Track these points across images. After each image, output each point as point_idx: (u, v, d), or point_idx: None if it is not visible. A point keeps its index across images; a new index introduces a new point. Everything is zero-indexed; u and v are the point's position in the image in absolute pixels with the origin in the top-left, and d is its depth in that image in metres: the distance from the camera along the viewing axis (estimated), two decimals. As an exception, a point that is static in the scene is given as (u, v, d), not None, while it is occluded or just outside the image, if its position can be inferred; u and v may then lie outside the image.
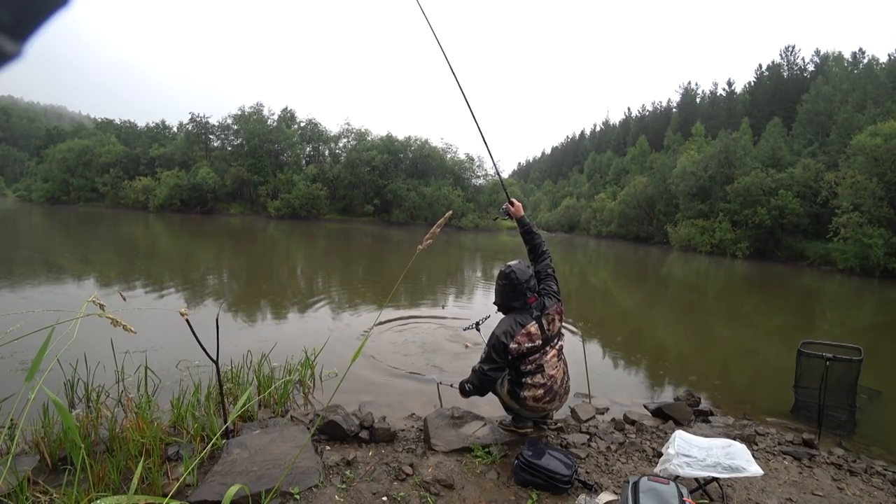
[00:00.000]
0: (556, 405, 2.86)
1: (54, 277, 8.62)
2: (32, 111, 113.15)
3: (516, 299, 2.79)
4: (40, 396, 1.51)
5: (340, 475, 2.40)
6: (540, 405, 2.77)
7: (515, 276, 2.76)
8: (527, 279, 2.77)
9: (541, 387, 2.75)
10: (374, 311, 7.32)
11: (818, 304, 13.77)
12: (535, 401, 2.76)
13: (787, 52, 50.30)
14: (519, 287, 2.77)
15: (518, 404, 2.81)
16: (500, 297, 2.87)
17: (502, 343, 2.69)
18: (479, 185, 51.61)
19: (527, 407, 2.78)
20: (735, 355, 6.76)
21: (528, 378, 2.75)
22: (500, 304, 2.88)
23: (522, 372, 2.75)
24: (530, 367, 2.74)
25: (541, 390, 2.75)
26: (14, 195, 57.85)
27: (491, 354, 2.71)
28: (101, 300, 1.35)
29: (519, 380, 2.77)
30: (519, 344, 2.69)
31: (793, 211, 28.10)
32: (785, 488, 2.66)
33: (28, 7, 0.39)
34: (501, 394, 2.89)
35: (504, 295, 2.83)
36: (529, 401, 2.76)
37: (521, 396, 2.77)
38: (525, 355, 2.72)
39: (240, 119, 48.00)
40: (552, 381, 2.77)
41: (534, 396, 2.75)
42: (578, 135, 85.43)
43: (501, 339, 2.70)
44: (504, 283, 2.81)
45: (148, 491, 2.14)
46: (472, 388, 2.80)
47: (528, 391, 2.75)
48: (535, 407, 2.78)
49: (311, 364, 4.05)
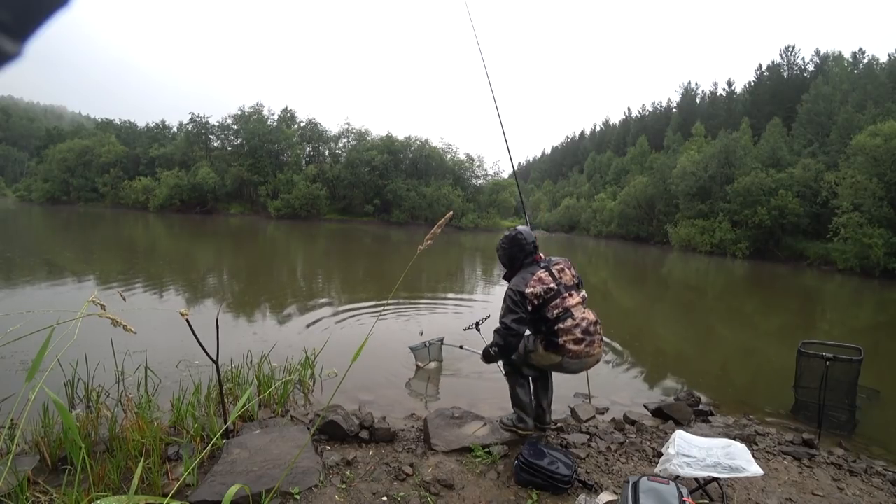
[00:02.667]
0: (598, 351, 2.74)
1: (54, 277, 8.62)
2: (32, 111, 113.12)
3: (524, 256, 2.80)
4: (40, 396, 1.51)
5: (340, 475, 2.40)
6: (582, 348, 2.65)
7: (522, 236, 2.84)
8: (532, 240, 2.86)
9: (576, 328, 2.65)
10: (375, 310, 7.32)
11: (818, 304, 13.77)
12: (576, 343, 2.64)
13: (787, 52, 50.30)
14: (526, 246, 2.82)
15: (560, 355, 2.65)
16: (507, 257, 2.86)
17: (518, 291, 2.63)
18: (479, 185, 51.60)
19: (570, 353, 2.64)
20: (735, 355, 6.76)
21: (560, 324, 2.64)
22: (508, 264, 2.87)
23: (551, 319, 2.65)
24: (558, 312, 2.65)
25: (577, 331, 2.65)
26: (14, 195, 57.83)
27: (510, 305, 2.64)
28: (101, 300, 1.35)
29: (552, 328, 2.65)
30: (534, 288, 2.63)
31: (793, 211, 28.09)
32: (785, 488, 2.66)
33: (28, 7, 0.39)
34: (538, 356, 2.73)
35: (511, 253, 2.84)
36: (570, 345, 2.63)
37: (560, 344, 2.63)
38: (546, 301, 2.65)
39: (240, 119, 48.00)
40: (586, 323, 2.69)
41: (574, 339, 2.64)
42: (578, 135, 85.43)
43: (517, 288, 2.65)
44: (509, 243, 2.85)
45: (148, 491, 2.14)
46: (498, 349, 2.71)
47: (565, 337, 2.63)
48: (579, 351, 2.65)
49: (311, 364, 4.05)
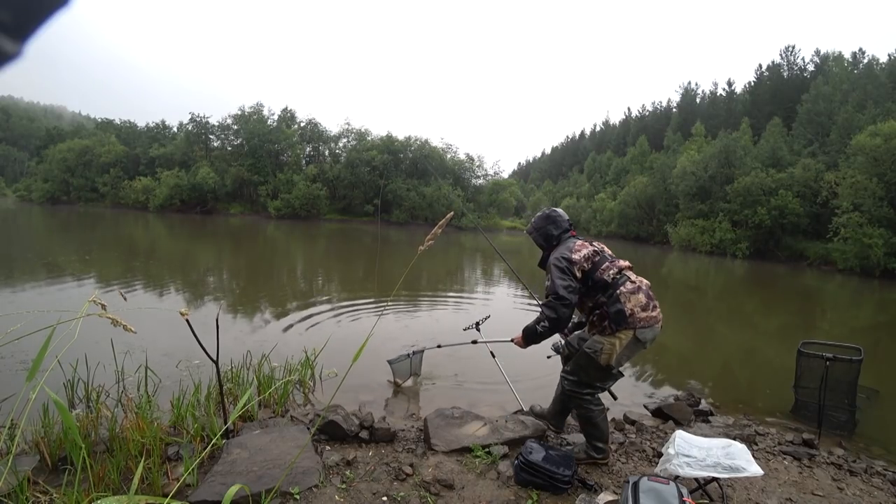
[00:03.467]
0: (659, 315, 2.55)
1: (54, 277, 8.61)
2: (32, 111, 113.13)
3: (561, 232, 2.70)
4: (40, 396, 1.51)
5: (340, 475, 2.40)
6: (648, 314, 2.47)
7: (557, 213, 2.79)
8: (567, 217, 2.79)
9: (637, 291, 2.48)
10: (375, 310, 7.32)
11: (818, 304, 13.77)
12: (644, 309, 2.46)
13: (787, 52, 50.30)
14: (562, 222, 2.74)
15: (632, 327, 2.44)
16: (543, 236, 2.73)
17: (564, 258, 2.50)
18: (479, 185, 51.60)
19: (639, 320, 2.44)
20: (735, 355, 6.76)
21: (619, 288, 2.47)
22: (544, 243, 2.73)
23: (609, 282, 2.49)
24: (612, 273, 2.51)
25: (639, 295, 2.48)
26: (14, 195, 57.85)
27: (558, 274, 2.47)
28: (101, 300, 1.35)
29: (613, 294, 2.47)
30: (580, 252, 2.53)
31: (793, 211, 28.09)
32: (785, 488, 2.66)
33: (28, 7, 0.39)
34: (609, 346, 2.46)
35: (546, 231, 2.72)
36: (638, 311, 2.45)
37: (627, 311, 2.43)
38: (595, 264, 2.53)
39: (240, 119, 48.00)
40: (645, 286, 2.55)
41: (638, 304, 2.45)
42: (578, 135, 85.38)
43: (563, 256, 2.51)
44: (544, 221, 2.76)
45: (148, 491, 2.14)
46: (549, 323, 2.48)
47: (627, 301, 2.45)
48: (647, 318, 2.46)
49: (311, 364, 4.05)
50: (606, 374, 2.58)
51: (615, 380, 2.70)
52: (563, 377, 2.74)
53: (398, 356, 4.09)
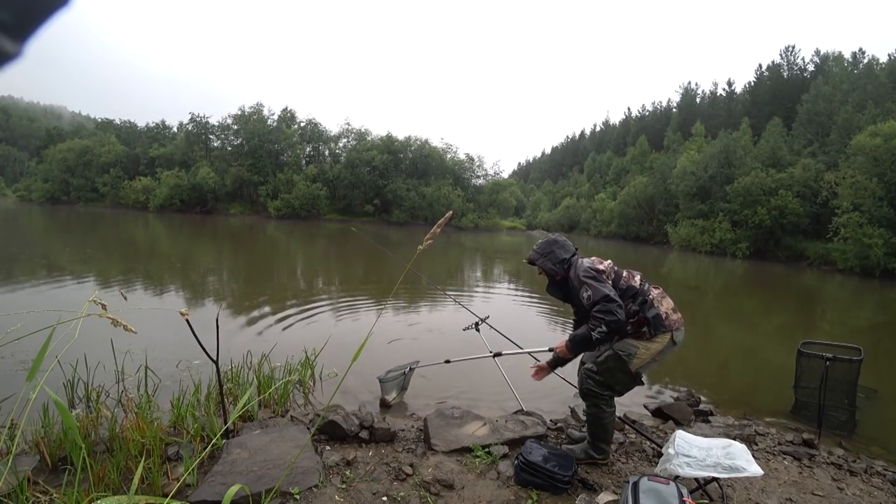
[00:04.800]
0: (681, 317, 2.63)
1: (54, 277, 8.61)
2: (32, 111, 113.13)
3: (572, 253, 2.67)
4: (40, 396, 1.51)
5: (340, 475, 2.40)
6: (678, 316, 2.56)
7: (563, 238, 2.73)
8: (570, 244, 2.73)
9: (664, 295, 2.56)
10: (375, 310, 7.32)
11: (818, 304, 13.77)
12: (674, 311, 2.55)
13: (787, 52, 50.30)
14: (568, 246, 2.69)
15: (665, 327, 2.47)
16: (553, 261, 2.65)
17: (593, 268, 2.50)
18: (479, 185, 51.60)
19: (673, 322, 2.51)
20: (735, 355, 6.76)
21: (651, 293, 2.53)
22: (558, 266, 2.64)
23: (637, 289, 2.52)
24: (638, 279, 2.57)
25: (667, 298, 2.57)
26: (14, 195, 57.84)
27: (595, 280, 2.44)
28: (101, 300, 1.35)
29: (646, 299, 2.50)
30: (602, 264, 2.56)
31: (793, 211, 28.11)
32: (785, 488, 2.66)
33: (28, 7, 0.39)
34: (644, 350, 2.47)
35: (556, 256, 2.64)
36: (671, 314, 2.52)
37: (663, 315, 2.47)
38: (617, 275, 2.56)
39: (240, 119, 48.00)
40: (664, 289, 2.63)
41: (669, 307, 2.54)
42: (578, 135, 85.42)
43: (590, 267, 2.51)
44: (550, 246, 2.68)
45: (148, 491, 2.14)
46: (607, 326, 2.36)
47: (661, 304, 2.51)
48: (678, 320, 2.54)
49: (311, 364, 4.05)
50: (633, 379, 2.59)
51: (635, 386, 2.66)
52: (588, 375, 2.60)
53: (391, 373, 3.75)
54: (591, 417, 2.66)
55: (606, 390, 2.59)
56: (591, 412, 2.64)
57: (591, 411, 2.64)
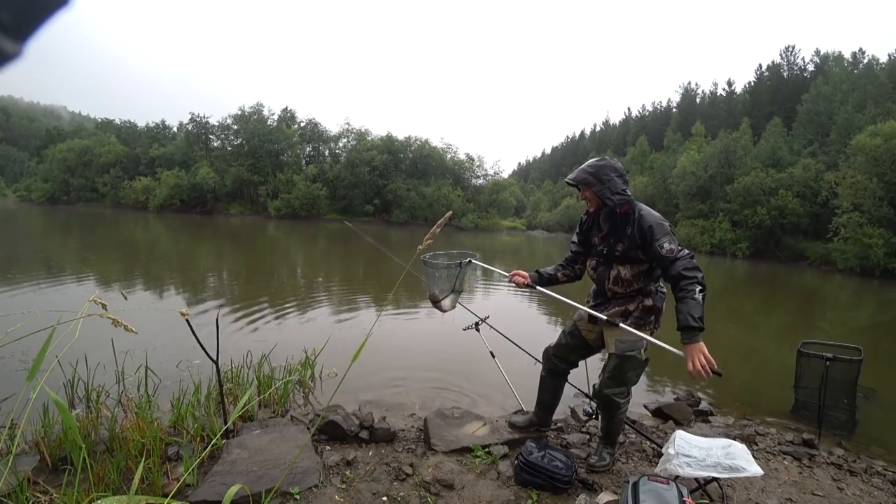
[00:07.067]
0: None
1: (55, 277, 8.61)
2: (32, 111, 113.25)
3: (626, 184, 2.33)
4: (40, 396, 1.51)
5: (340, 475, 2.40)
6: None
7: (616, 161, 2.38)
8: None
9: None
10: (375, 310, 7.32)
11: (818, 304, 13.77)
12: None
13: (787, 52, 50.34)
14: (623, 173, 2.34)
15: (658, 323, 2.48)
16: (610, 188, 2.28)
17: (666, 222, 2.30)
18: (479, 185, 51.61)
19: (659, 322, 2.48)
20: (735, 355, 6.75)
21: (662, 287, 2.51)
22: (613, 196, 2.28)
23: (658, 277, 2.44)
24: None
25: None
26: (14, 195, 57.91)
27: (672, 237, 2.23)
28: (102, 300, 1.35)
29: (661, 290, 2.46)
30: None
31: (793, 211, 28.13)
32: (785, 488, 2.66)
33: (28, 7, 0.39)
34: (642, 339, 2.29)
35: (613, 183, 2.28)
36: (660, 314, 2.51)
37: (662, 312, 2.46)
38: None
39: (240, 119, 48.05)
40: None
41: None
42: (578, 135, 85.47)
43: (662, 220, 2.27)
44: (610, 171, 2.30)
45: (148, 491, 2.13)
46: (701, 282, 2.17)
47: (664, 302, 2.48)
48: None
49: (311, 364, 4.05)
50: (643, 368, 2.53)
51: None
52: (611, 396, 2.44)
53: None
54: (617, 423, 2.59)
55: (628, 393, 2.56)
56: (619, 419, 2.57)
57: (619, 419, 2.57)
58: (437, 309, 2.90)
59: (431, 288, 2.86)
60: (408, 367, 4.68)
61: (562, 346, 2.75)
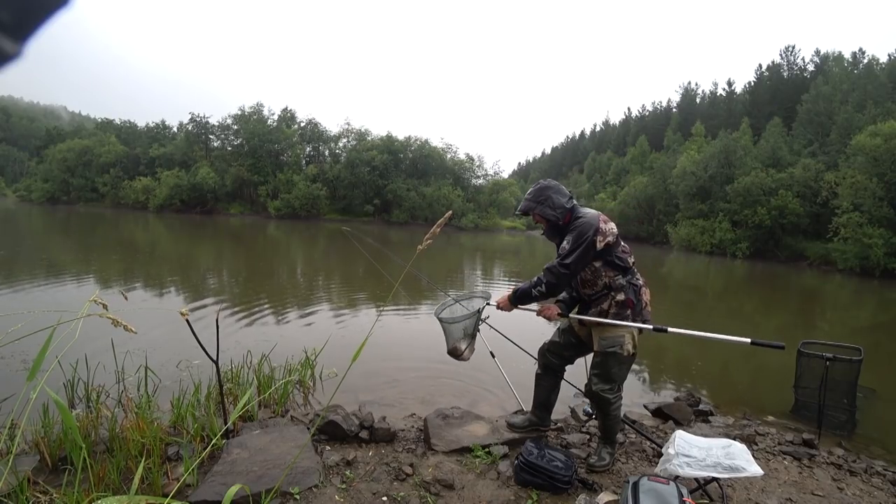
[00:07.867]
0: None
1: (55, 277, 8.61)
2: (32, 111, 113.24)
3: (567, 199, 2.51)
4: (40, 396, 1.51)
5: (340, 475, 2.40)
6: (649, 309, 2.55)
7: (553, 182, 2.56)
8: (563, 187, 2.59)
9: (646, 284, 2.52)
10: (375, 310, 7.32)
11: (818, 304, 13.77)
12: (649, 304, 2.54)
13: (787, 52, 50.36)
14: (562, 189, 2.52)
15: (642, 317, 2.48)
16: (550, 205, 2.49)
17: (594, 226, 2.38)
18: (479, 185, 51.60)
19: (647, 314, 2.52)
20: (735, 355, 6.75)
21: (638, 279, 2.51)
22: (554, 212, 2.49)
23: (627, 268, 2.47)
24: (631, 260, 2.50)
25: (647, 288, 2.53)
26: (14, 195, 57.89)
27: (578, 243, 2.36)
28: (102, 300, 1.35)
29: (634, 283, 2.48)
30: (607, 224, 2.44)
31: (793, 211, 28.14)
32: (785, 488, 2.66)
33: (28, 7, 0.39)
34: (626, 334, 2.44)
35: (553, 201, 2.49)
36: (648, 306, 2.53)
37: (643, 303, 2.49)
38: (616, 243, 2.45)
39: (240, 119, 48.04)
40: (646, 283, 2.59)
41: (648, 298, 2.53)
42: (578, 135, 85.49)
43: (592, 223, 2.39)
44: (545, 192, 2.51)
45: (148, 491, 2.14)
46: (546, 287, 2.43)
47: (644, 294, 2.51)
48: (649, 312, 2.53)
49: (311, 364, 4.05)
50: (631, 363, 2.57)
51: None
52: (599, 393, 2.52)
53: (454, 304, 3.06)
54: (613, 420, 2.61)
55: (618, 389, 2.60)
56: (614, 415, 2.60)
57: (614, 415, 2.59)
58: (458, 360, 2.91)
59: (449, 343, 2.89)
60: (408, 367, 4.68)
61: (556, 342, 2.85)
